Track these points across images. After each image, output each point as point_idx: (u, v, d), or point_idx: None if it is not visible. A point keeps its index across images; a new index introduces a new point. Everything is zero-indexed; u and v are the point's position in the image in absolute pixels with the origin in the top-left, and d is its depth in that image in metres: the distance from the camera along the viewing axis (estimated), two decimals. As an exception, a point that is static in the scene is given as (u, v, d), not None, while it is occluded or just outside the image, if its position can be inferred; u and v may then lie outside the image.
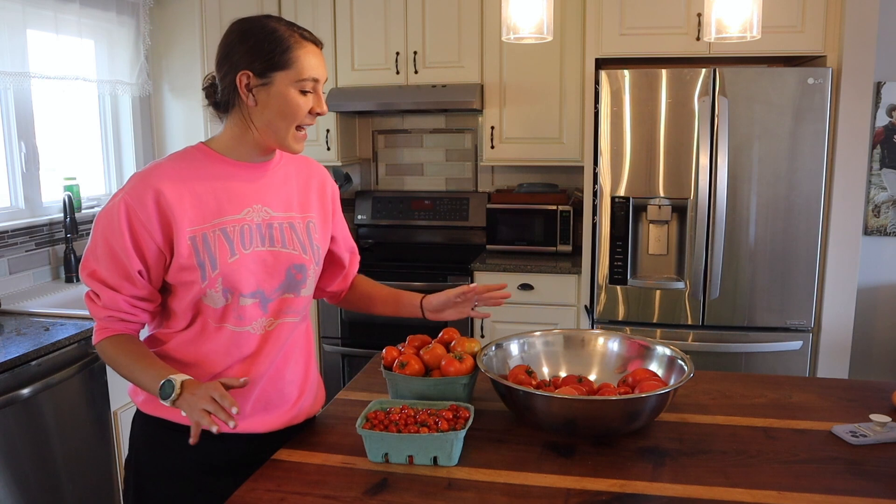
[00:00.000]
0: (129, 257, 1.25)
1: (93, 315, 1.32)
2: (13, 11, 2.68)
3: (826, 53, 2.89)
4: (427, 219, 3.85)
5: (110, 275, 1.27)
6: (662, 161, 2.91)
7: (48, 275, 2.96)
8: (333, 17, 3.55)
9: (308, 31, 1.33)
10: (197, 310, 1.33)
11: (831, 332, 2.98)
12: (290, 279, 1.37)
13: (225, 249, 1.29)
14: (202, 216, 1.28)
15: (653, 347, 1.58)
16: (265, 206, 1.35)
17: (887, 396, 1.59)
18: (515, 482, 1.24)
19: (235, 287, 1.30)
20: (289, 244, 1.37)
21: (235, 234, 1.31)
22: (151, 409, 1.37)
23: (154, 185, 1.25)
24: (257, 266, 1.33)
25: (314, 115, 1.32)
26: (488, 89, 3.46)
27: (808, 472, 1.26)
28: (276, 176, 1.39)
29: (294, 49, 1.28)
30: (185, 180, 1.28)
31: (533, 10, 1.70)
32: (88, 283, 1.30)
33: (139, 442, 1.42)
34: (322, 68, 1.32)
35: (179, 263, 1.27)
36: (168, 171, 1.28)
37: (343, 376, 3.50)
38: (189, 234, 1.27)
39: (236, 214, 1.32)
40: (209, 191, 1.30)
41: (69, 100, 3.20)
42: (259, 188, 1.36)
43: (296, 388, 1.45)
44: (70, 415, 2.25)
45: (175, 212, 1.25)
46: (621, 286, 3.02)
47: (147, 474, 1.40)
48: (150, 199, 1.24)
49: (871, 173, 3.35)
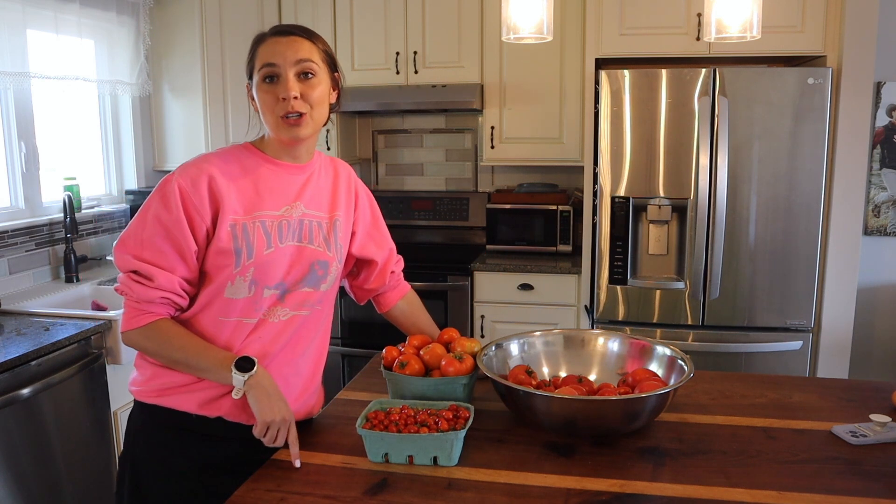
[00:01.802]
0: (186, 237, 1.29)
1: (139, 297, 1.30)
2: (13, 11, 2.68)
3: (826, 53, 2.89)
4: (427, 219, 3.85)
5: (162, 257, 1.29)
6: (662, 161, 2.91)
7: (48, 275, 2.96)
8: (333, 17, 3.55)
9: (279, 25, 1.40)
10: (213, 298, 1.35)
11: (831, 332, 2.97)
12: (313, 274, 1.41)
13: (262, 241, 1.34)
14: (245, 208, 1.34)
15: (653, 347, 1.58)
16: (301, 204, 1.41)
17: (887, 396, 1.59)
18: (515, 482, 1.24)
19: (262, 279, 1.34)
20: (315, 241, 1.42)
21: (274, 228, 1.36)
22: (154, 397, 1.37)
23: (207, 170, 1.32)
24: (286, 260, 1.38)
25: (285, 100, 1.33)
26: (488, 89, 3.46)
27: (808, 472, 1.26)
28: (314, 176, 1.46)
29: (256, 47, 1.37)
30: (233, 173, 1.35)
31: (533, 10, 1.70)
32: (135, 266, 1.29)
33: (136, 437, 1.41)
34: (280, 54, 1.33)
35: (218, 247, 1.31)
36: (218, 162, 1.35)
37: (343, 376, 3.50)
38: (230, 222, 1.32)
39: (276, 210, 1.38)
40: (252, 186, 1.36)
41: (69, 100, 3.20)
42: (298, 187, 1.42)
43: (302, 382, 1.46)
44: (70, 415, 2.25)
45: (224, 197, 1.31)
46: (621, 286, 3.02)
47: (143, 470, 1.39)
48: (204, 183, 1.31)
49: (871, 173, 3.35)
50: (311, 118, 1.36)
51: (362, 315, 3.41)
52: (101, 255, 3.21)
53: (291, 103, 1.33)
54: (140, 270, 1.30)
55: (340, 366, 3.51)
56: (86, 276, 3.05)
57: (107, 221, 3.32)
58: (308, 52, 1.36)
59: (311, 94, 1.35)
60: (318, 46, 1.39)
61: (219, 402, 1.36)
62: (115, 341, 2.40)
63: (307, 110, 1.35)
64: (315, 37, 1.40)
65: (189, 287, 1.35)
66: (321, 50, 1.40)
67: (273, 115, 1.35)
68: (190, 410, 1.36)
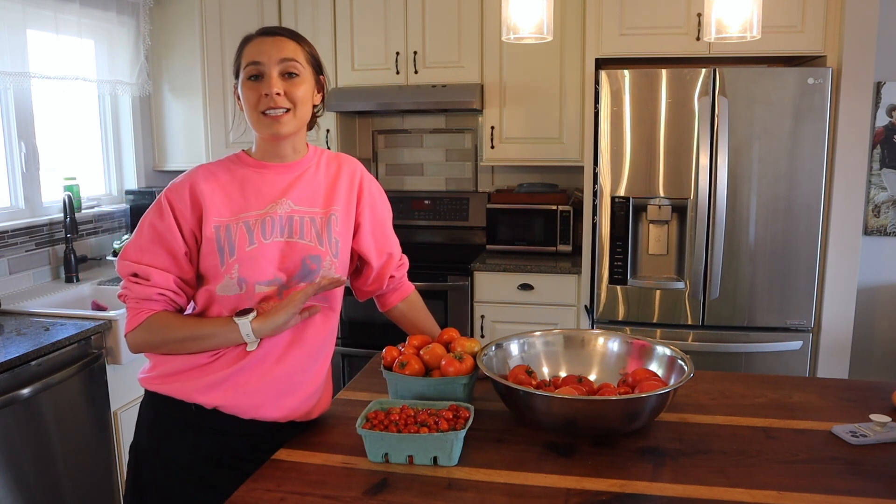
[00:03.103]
0: (175, 239, 1.36)
1: (137, 296, 1.36)
2: (13, 11, 2.68)
3: (826, 53, 2.89)
4: (427, 219, 3.85)
5: (158, 259, 1.37)
6: (662, 161, 2.91)
7: (48, 275, 2.96)
8: (333, 17, 3.55)
9: (266, 27, 1.43)
10: (209, 298, 1.39)
11: (831, 332, 2.97)
12: (306, 269, 1.42)
13: (244, 238, 1.38)
14: (229, 210, 1.39)
15: (653, 347, 1.58)
16: (289, 201, 1.43)
17: (887, 396, 1.59)
18: (515, 482, 1.24)
19: (250, 275, 1.37)
20: (306, 236, 1.43)
21: (257, 226, 1.39)
22: (158, 385, 1.40)
23: (190, 179, 1.39)
24: (275, 255, 1.40)
25: (268, 96, 1.36)
26: (488, 89, 3.46)
27: (808, 472, 1.26)
28: (306, 173, 1.47)
29: (243, 47, 1.41)
30: (219, 179, 1.41)
31: (533, 10, 1.70)
32: (134, 269, 1.36)
33: (141, 426, 1.45)
34: (264, 52, 1.37)
35: (205, 248, 1.37)
36: (204, 171, 1.42)
37: (343, 376, 3.50)
38: (214, 224, 1.37)
39: (260, 209, 1.41)
40: (238, 190, 1.41)
41: (69, 100, 3.20)
42: (286, 186, 1.44)
43: (307, 380, 1.46)
44: (70, 415, 2.25)
45: (206, 202, 1.37)
46: (621, 286, 3.02)
47: (145, 460, 1.43)
48: (186, 190, 1.38)
49: (871, 173, 3.35)
50: (294, 116, 1.39)
51: (362, 315, 3.41)
52: (101, 255, 3.21)
53: (274, 99, 1.35)
54: (138, 272, 1.36)
55: (340, 366, 3.51)
56: (86, 276, 3.05)
57: (107, 221, 3.32)
58: (293, 51, 1.39)
59: (294, 93, 1.38)
60: (304, 48, 1.42)
61: (215, 390, 1.38)
62: (115, 341, 2.40)
63: (290, 107, 1.38)
64: (301, 39, 1.43)
65: (186, 287, 1.40)
66: (306, 51, 1.43)
67: (255, 111, 1.38)
68: (187, 399, 1.38)
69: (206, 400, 1.37)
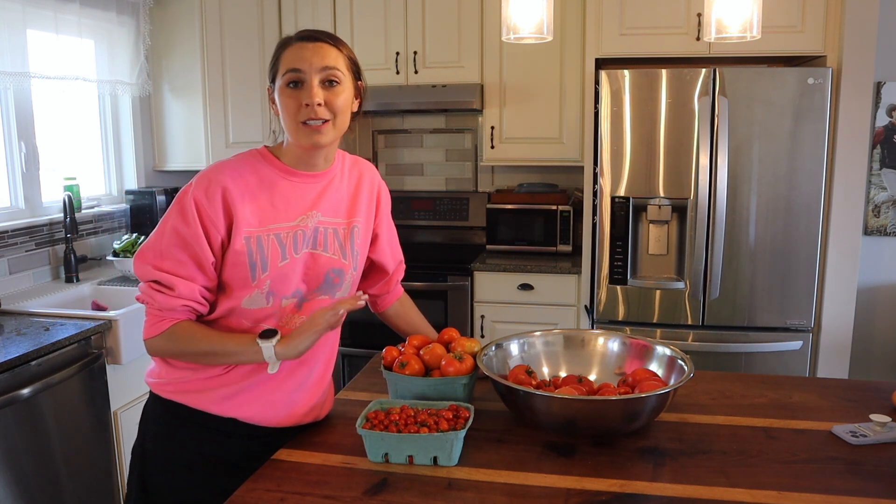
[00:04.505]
0: (203, 249, 1.30)
1: (161, 306, 1.31)
2: (13, 11, 2.68)
3: (826, 53, 2.89)
4: (427, 219, 3.85)
5: (182, 267, 1.30)
6: (662, 161, 2.91)
7: (48, 275, 2.96)
8: (333, 17, 3.55)
9: (305, 31, 1.37)
10: (232, 308, 1.35)
11: (831, 332, 2.97)
12: (328, 282, 1.41)
13: (277, 253, 1.34)
14: (259, 220, 1.33)
15: (653, 347, 1.58)
16: (318, 213, 1.40)
17: (887, 396, 1.59)
18: (515, 482, 1.24)
19: (280, 290, 1.35)
20: (329, 248, 1.40)
21: (289, 239, 1.35)
22: (170, 393, 1.39)
23: (221, 181, 1.31)
24: (301, 268, 1.38)
25: (308, 106, 1.31)
26: (488, 89, 3.46)
27: (808, 472, 1.26)
28: (333, 182, 1.43)
29: (281, 51, 1.35)
30: (248, 183, 1.34)
31: (533, 10, 1.70)
32: (156, 276, 1.30)
33: (147, 426, 1.44)
34: (305, 60, 1.32)
35: (233, 259, 1.32)
36: (231, 172, 1.33)
37: (343, 376, 3.50)
38: (245, 234, 1.31)
39: (291, 221, 1.36)
40: (268, 199, 1.35)
41: (69, 100, 3.20)
42: (315, 197, 1.40)
43: (313, 385, 1.46)
44: (70, 415, 2.25)
45: (237, 210, 1.31)
46: (621, 286, 3.02)
47: (151, 460, 1.42)
48: (217, 195, 1.30)
49: (871, 173, 3.35)
50: (333, 126, 1.35)
51: (362, 315, 3.39)
52: (101, 255, 3.21)
53: (315, 110, 1.31)
54: (161, 280, 1.30)
55: (340, 366, 3.50)
56: (86, 276, 3.05)
57: (107, 221, 3.32)
58: (334, 59, 1.34)
59: (335, 102, 1.34)
60: (344, 53, 1.38)
61: (232, 403, 1.37)
62: (115, 341, 2.40)
63: (330, 118, 1.34)
64: (341, 44, 1.39)
65: (209, 294, 1.35)
66: (346, 57, 1.38)
67: (294, 120, 1.32)
68: (203, 409, 1.37)
69: (222, 410, 1.37)
